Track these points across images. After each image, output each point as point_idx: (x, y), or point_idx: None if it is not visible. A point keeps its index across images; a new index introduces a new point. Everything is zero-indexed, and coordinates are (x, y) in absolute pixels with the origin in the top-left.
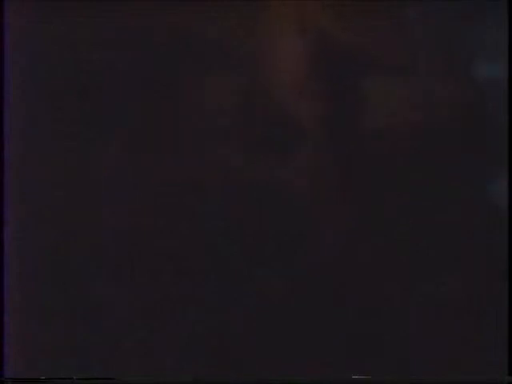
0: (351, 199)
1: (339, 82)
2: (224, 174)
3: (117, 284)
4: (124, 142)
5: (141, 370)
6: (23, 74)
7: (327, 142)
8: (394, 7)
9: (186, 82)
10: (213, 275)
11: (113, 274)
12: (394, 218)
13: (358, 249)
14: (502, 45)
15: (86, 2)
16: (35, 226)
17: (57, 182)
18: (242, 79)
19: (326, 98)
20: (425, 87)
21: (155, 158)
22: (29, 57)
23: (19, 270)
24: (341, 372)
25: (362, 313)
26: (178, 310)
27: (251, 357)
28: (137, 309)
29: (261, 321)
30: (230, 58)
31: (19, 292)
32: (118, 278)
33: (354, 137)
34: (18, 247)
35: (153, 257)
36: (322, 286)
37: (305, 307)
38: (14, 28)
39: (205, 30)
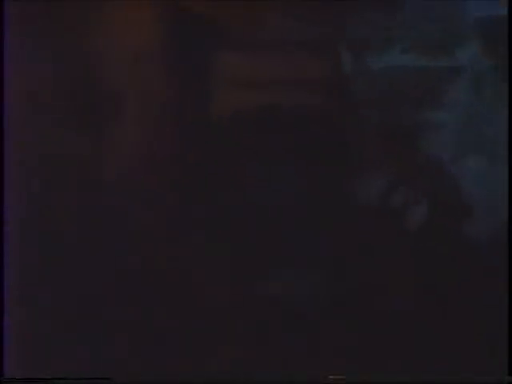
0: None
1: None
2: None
3: (116, 283)
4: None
5: (140, 369)
6: (23, 73)
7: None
8: None
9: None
10: None
11: (112, 273)
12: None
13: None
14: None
15: (85, 2)
16: (35, 226)
17: (57, 182)
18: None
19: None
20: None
21: None
22: (29, 57)
23: (19, 269)
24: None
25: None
26: None
27: None
28: (136, 308)
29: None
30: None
31: (19, 292)
32: (117, 277)
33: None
34: (18, 247)
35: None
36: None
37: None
38: (14, 28)
39: None
